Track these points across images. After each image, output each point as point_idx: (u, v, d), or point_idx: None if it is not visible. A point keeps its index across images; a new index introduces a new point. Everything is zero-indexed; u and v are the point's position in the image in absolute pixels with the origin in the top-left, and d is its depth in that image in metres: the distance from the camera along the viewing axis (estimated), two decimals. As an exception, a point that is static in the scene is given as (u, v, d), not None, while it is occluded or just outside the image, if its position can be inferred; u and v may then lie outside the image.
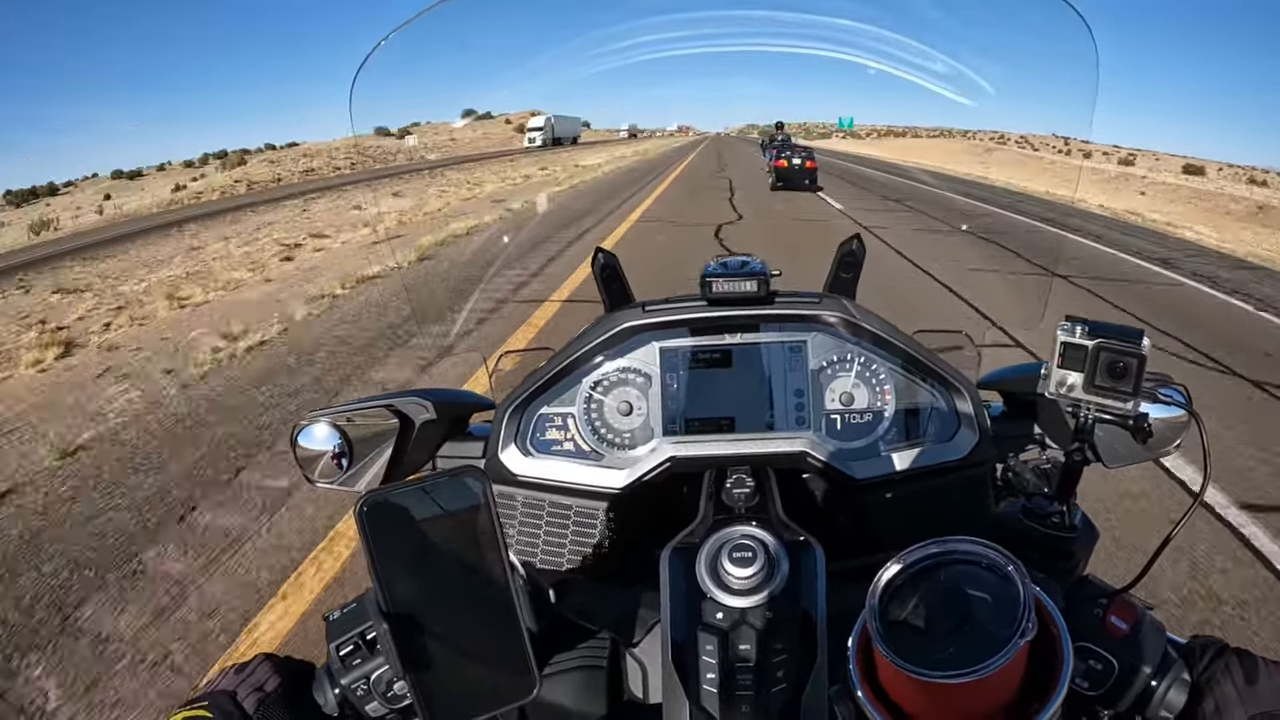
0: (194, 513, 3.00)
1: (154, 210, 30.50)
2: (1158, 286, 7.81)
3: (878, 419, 0.91)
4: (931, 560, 0.48)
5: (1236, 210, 21.71)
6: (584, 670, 0.69)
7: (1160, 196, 24.18)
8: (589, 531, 0.91)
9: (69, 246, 16.16)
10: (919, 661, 0.43)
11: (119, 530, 2.89)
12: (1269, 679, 0.51)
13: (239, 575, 2.58)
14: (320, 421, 0.89)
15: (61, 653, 2.22)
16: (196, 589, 2.50)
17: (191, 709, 0.55)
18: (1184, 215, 17.92)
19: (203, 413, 4.09)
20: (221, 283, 7.99)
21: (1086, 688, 0.56)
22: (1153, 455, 0.86)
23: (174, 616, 2.37)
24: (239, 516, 2.95)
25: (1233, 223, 17.84)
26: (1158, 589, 2.33)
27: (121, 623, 2.35)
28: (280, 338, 5.51)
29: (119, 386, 4.60)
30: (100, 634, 2.30)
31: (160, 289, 7.93)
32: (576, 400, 0.94)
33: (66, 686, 2.09)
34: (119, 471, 3.41)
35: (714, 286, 0.88)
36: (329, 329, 5.67)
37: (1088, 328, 0.64)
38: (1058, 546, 0.70)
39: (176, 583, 2.54)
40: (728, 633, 0.58)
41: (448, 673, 0.50)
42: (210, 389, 4.47)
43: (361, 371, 4.63)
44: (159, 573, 2.61)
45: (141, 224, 20.70)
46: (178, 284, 8.14)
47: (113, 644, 2.25)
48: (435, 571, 0.51)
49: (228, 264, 9.40)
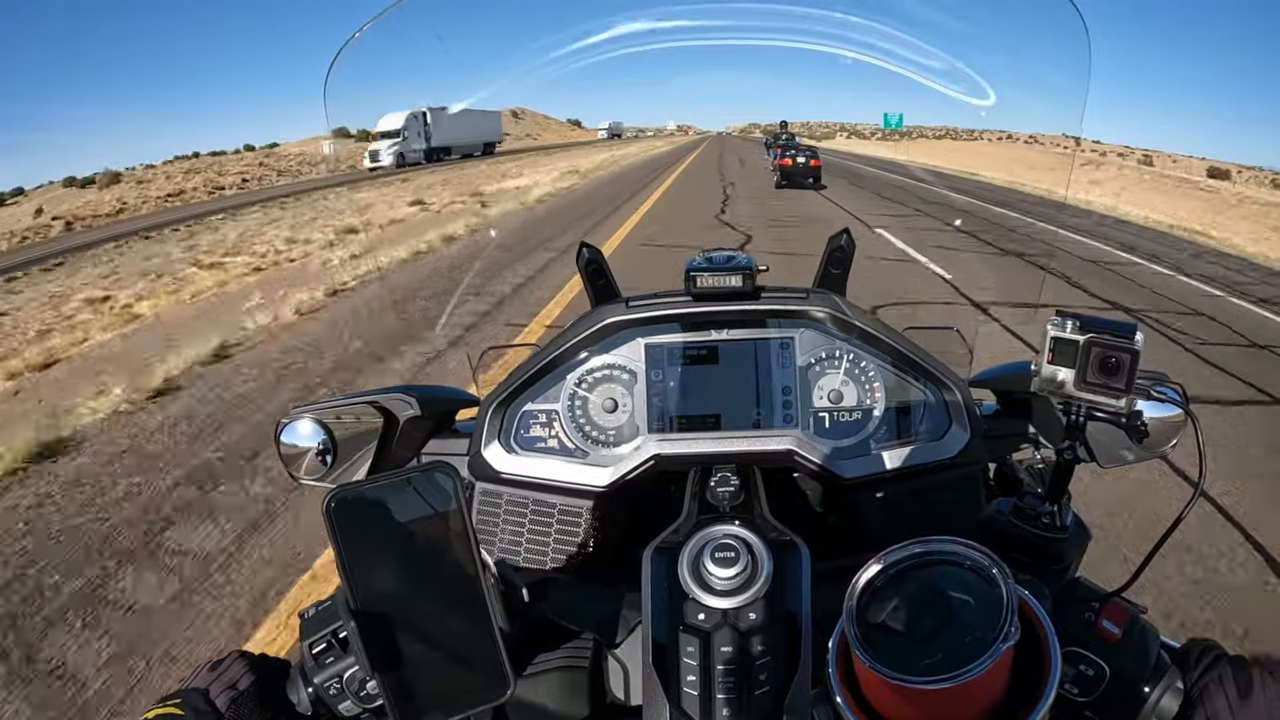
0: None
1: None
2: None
3: (867, 417, 0.90)
4: (913, 561, 0.47)
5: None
6: (565, 671, 0.67)
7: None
8: (573, 530, 0.90)
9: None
10: (898, 666, 0.41)
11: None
12: (1262, 692, 0.50)
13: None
14: (304, 417, 0.88)
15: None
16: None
17: (164, 706, 0.54)
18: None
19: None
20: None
21: (1077, 693, 0.54)
22: (1149, 455, 0.85)
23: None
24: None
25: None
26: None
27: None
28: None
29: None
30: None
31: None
32: (561, 397, 0.93)
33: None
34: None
35: (699, 281, 0.87)
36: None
37: (1079, 322, 0.62)
38: (1048, 548, 0.68)
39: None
40: (710, 634, 0.57)
41: (419, 672, 0.49)
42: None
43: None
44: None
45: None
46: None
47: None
48: (406, 569, 0.49)
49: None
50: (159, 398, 4.42)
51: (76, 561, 2.70)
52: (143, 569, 2.65)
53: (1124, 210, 17.55)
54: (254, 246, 11.60)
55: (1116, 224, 14.91)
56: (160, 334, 6.18)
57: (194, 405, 4.29)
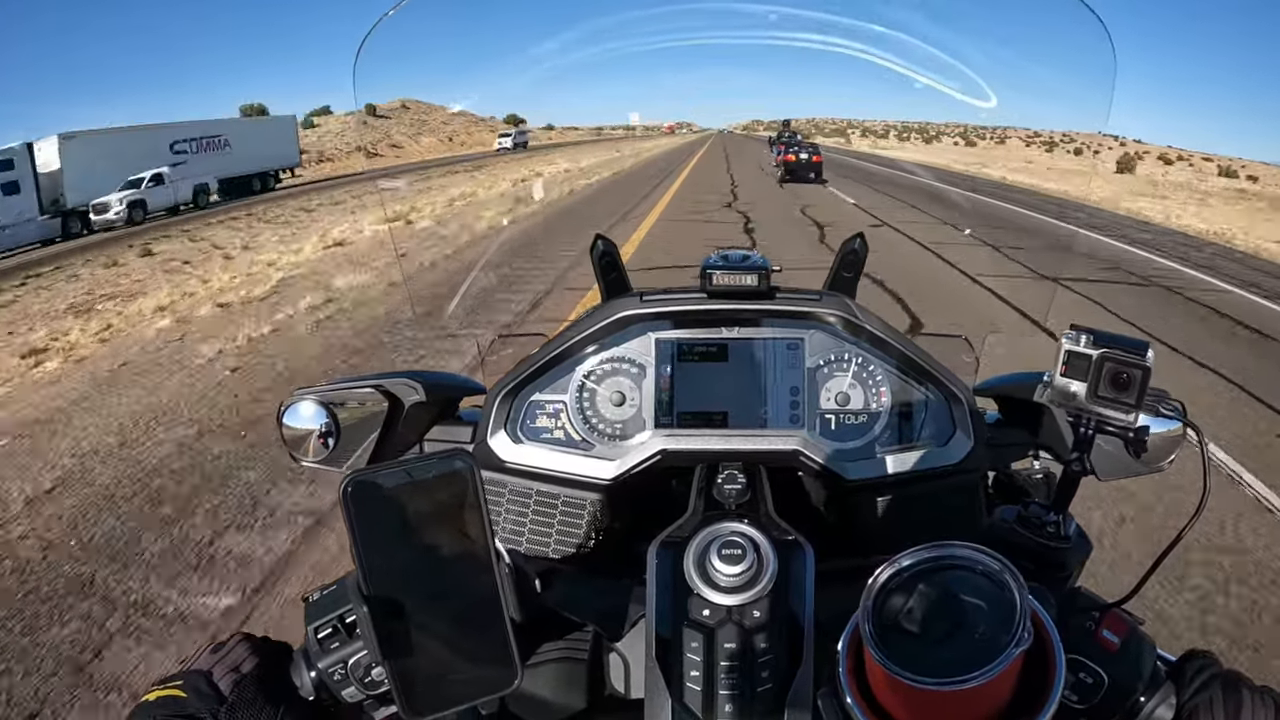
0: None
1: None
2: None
3: (873, 420, 0.90)
4: (927, 564, 0.47)
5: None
6: (565, 663, 0.68)
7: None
8: (576, 522, 0.90)
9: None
10: (910, 667, 0.42)
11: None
12: (1251, 714, 0.50)
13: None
14: (307, 399, 0.87)
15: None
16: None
17: (166, 688, 0.54)
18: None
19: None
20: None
21: (1075, 701, 0.55)
22: (1146, 470, 0.86)
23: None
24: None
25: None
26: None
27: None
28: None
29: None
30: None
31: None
32: (569, 388, 0.92)
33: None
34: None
35: (714, 279, 0.87)
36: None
37: (1093, 337, 0.63)
38: (1051, 557, 0.69)
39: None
40: (714, 630, 0.58)
41: (427, 660, 0.49)
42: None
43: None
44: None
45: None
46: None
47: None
48: (419, 556, 0.49)
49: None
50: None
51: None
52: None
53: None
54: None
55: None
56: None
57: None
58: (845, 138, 24.95)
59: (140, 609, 2.66)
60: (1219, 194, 20.68)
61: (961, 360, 1.02)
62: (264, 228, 15.00)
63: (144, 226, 19.57)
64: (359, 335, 6.04)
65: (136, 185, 21.05)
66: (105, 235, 18.68)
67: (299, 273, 9.05)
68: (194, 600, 2.70)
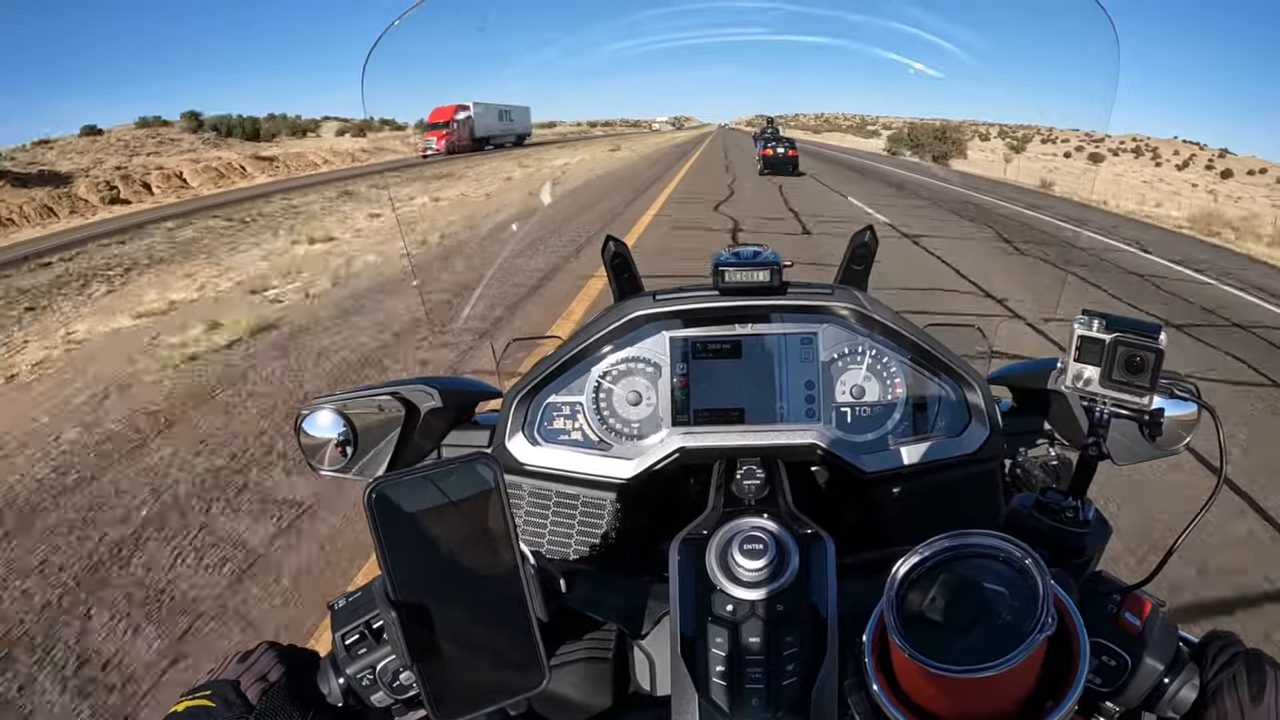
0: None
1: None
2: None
3: (888, 412, 0.91)
4: (949, 553, 0.47)
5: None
6: (589, 662, 0.68)
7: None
8: (596, 522, 0.91)
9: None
10: (936, 655, 0.42)
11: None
12: (1274, 693, 0.50)
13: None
14: (324, 409, 0.88)
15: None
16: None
17: (194, 698, 0.54)
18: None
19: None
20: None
21: (1099, 684, 0.56)
22: (1162, 453, 0.86)
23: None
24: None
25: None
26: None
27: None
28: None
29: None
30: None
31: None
32: (585, 389, 0.93)
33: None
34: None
35: (726, 276, 0.88)
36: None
37: (1105, 321, 0.63)
38: (1071, 542, 0.69)
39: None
40: (738, 625, 0.58)
41: (455, 663, 0.49)
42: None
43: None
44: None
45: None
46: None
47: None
48: (445, 560, 0.50)
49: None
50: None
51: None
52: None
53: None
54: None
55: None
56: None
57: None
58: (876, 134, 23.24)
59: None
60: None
61: (975, 350, 1.02)
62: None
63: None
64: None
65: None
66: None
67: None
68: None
